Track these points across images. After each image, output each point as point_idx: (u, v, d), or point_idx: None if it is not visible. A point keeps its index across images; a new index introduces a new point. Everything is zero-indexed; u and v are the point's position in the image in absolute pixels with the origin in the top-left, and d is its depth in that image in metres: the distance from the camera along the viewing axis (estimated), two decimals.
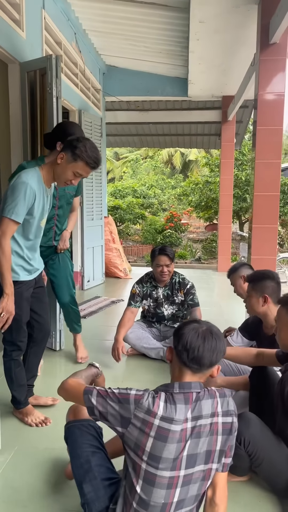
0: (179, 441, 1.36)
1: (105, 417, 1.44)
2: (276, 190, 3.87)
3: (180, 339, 1.44)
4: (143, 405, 1.38)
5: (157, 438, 1.35)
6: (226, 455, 1.45)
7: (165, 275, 3.59)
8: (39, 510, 1.87)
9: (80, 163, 2.22)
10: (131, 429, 1.39)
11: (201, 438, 1.39)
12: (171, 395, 1.41)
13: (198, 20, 4.30)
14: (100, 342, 4.05)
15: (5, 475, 2.10)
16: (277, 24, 3.46)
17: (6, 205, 2.16)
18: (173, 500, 1.38)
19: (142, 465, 1.37)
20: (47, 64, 3.66)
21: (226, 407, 1.44)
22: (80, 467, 1.59)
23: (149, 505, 1.38)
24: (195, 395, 1.42)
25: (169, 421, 1.36)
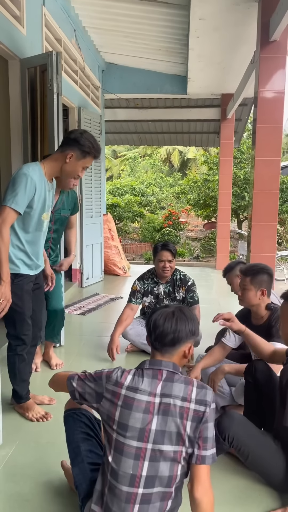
0: (145, 411, 1.44)
1: (84, 397, 1.57)
2: (276, 187, 3.89)
3: (148, 322, 1.58)
4: (112, 378, 1.52)
5: (123, 407, 1.45)
6: (199, 447, 1.44)
7: (167, 271, 3.61)
8: (41, 503, 1.88)
9: (89, 158, 2.33)
10: (103, 403, 1.50)
11: (168, 416, 1.44)
12: (142, 371, 1.52)
13: (198, 18, 4.30)
14: (99, 338, 4.07)
15: (6, 469, 2.11)
16: (278, 22, 3.46)
17: (7, 195, 2.19)
18: (141, 473, 1.42)
19: (113, 435, 1.46)
20: (47, 60, 3.66)
21: (203, 396, 1.47)
22: (72, 451, 1.71)
23: (118, 474, 1.44)
24: (166, 373, 1.50)
25: (134, 390, 1.47)
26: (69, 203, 3.26)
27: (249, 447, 1.88)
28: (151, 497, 1.43)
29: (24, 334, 2.48)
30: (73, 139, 2.29)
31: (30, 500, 1.90)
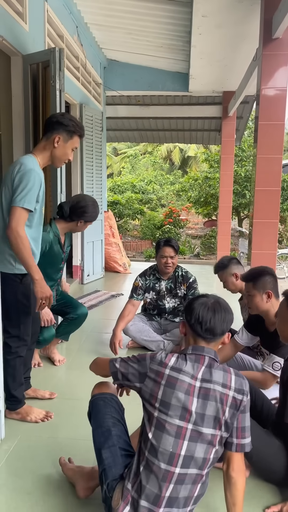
0: (187, 392, 1.49)
1: (127, 377, 1.61)
2: (277, 185, 3.89)
3: (192, 313, 1.59)
4: (156, 358, 1.57)
5: (167, 386, 1.50)
6: (238, 436, 1.54)
7: (169, 267, 3.62)
8: (43, 496, 1.89)
9: (75, 137, 2.35)
10: (147, 382, 1.55)
11: (209, 400, 1.50)
12: (185, 355, 1.57)
13: (201, 15, 4.30)
14: (99, 335, 4.08)
15: (9, 463, 2.13)
16: (280, 19, 3.46)
17: (17, 194, 2.13)
18: (180, 452, 1.47)
19: (155, 413, 1.51)
20: (50, 57, 3.67)
21: (240, 385, 1.54)
22: (102, 435, 1.70)
23: (158, 451, 1.48)
24: (208, 359, 1.56)
25: (177, 371, 1.52)
26: (68, 241, 3.29)
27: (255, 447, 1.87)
28: (185, 478, 1.48)
29: (28, 335, 2.44)
30: (56, 122, 2.29)
31: (32, 493, 1.91)
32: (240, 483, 1.55)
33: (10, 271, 2.26)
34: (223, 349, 2.72)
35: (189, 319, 1.61)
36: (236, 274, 3.09)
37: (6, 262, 2.25)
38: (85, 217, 2.98)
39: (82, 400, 2.34)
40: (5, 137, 4.13)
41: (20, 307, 2.31)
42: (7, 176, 2.24)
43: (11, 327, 2.33)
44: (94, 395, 1.82)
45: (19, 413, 2.51)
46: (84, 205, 2.94)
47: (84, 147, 6.12)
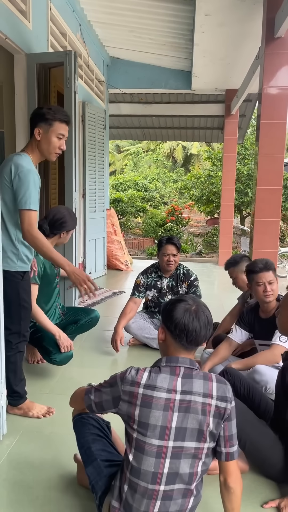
0: (165, 409, 1.43)
1: (102, 406, 1.54)
2: (279, 184, 3.90)
3: (175, 322, 1.50)
4: (127, 379, 1.48)
5: (142, 406, 1.43)
6: (226, 445, 1.48)
7: (171, 265, 3.64)
8: (44, 490, 1.92)
9: (56, 124, 2.30)
10: (121, 405, 1.48)
11: (190, 413, 1.43)
12: (158, 368, 1.50)
13: (204, 13, 4.31)
14: (101, 332, 4.10)
15: (10, 458, 2.16)
16: (283, 18, 3.47)
17: (21, 197, 2.17)
18: (163, 471, 1.42)
19: (134, 435, 1.45)
20: (65, 59, 3.70)
21: (223, 393, 1.47)
22: (84, 454, 1.70)
23: (140, 473, 1.43)
24: (184, 370, 1.48)
25: (151, 388, 1.44)
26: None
27: (249, 435, 1.91)
28: (172, 494, 1.44)
29: (27, 331, 2.47)
30: (34, 116, 2.31)
31: (33, 487, 1.94)
32: (238, 491, 1.52)
33: (13, 269, 2.30)
34: (218, 351, 2.74)
35: (171, 327, 1.51)
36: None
37: (9, 260, 2.29)
38: (65, 227, 3.01)
39: None
40: (8, 133, 4.16)
41: (22, 303, 2.34)
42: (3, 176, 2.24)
43: (12, 324, 2.35)
44: (73, 418, 1.82)
45: (21, 408, 2.54)
46: (61, 217, 2.98)
47: (86, 145, 6.14)
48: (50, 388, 2.92)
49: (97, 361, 3.49)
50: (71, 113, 3.77)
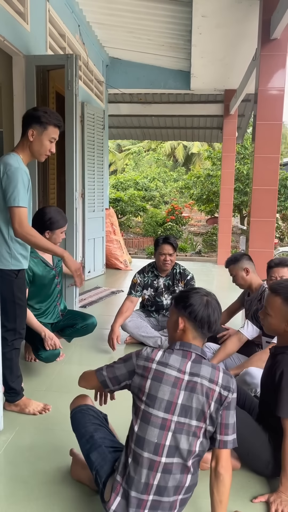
0: (173, 385, 1.55)
1: (118, 379, 1.66)
2: (274, 184, 3.94)
3: (198, 314, 1.64)
4: (142, 355, 1.63)
5: (154, 379, 1.56)
6: (221, 433, 1.58)
7: (167, 264, 3.67)
8: (38, 485, 1.96)
9: (50, 128, 2.34)
10: (135, 378, 1.60)
11: (195, 393, 1.55)
12: (172, 350, 1.63)
13: (201, 15, 4.35)
14: (99, 330, 4.13)
15: (7, 453, 2.20)
16: (278, 20, 3.50)
17: (10, 195, 2.21)
18: (165, 443, 1.53)
19: (142, 406, 1.57)
20: (66, 62, 3.74)
21: (227, 383, 1.59)
22: (86, 442, 1.76)
23: (144, 443, 1.54)
24: (194, 356, 1.62)
25: (164, 365, 1.58)
26: None
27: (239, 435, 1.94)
28: (172, 467, 1.54)
29: (23, 328, 2.51)
30: (28, 116, 2.34)
31: (28, 482, 1.98)
32: (227, 480, 1.59)
33: (7, 267, 2.33)
34: (225, 346, 2.79)
35: (195, 319, 1.64)
36: (247, 269, 3.13)
37: (3, 259, 2.32)
38: (54, 226, 3.02)
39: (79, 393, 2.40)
40: (7, 134, 4.21)
41: (16, 300, 2.38)
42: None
43: (7, 321, 2.39)
44: (71, 410, 1.89)
45: (18, 405, 2.58)
46: (48, 217, 3.01)
47: (85, 144, 6.19)
48: (46, 386, 2.97)
49: (94, 359, 3.53)
50: (73, 115, 3.81)
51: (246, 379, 2.56)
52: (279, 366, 1.92)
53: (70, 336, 3.40)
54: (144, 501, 1.54)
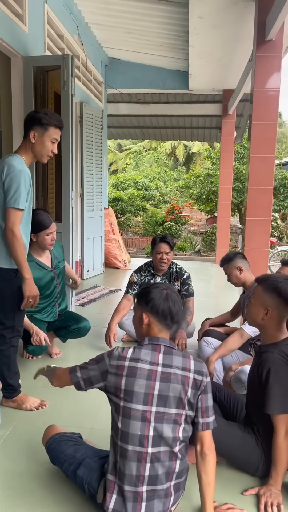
0: (148, 378, 1.62)
1: (90, 382, 1.72)
2: (270, 184, 3.97)
3: (159, 307, 1.72)
4: (114, 354, 1.69)
5: (128, 376, 1.63)
6: (203, 416, 1.68)
7: (164, 263, 3.71)
8: (34, 478, 2.02)
9: (52, 129, 2.40)
10: (109, 378, 1.66)
11: (171, 383, 1.63)
12: (141, 346, 1.71)
13: (197, 16, 4.38)
14: (97, 329, 4.19)
15: (4, 447, 2.25)
16: (273, 22, 3.53)
17: (10, 196, 2.26)
18: (148, 434, 1.60)
19: (121, 403, 1.63)
20: (62, 62, 3.79)
21: (200, 368, 1.69)
22: (70, 465, 1.82)
23: (128, 437, 1.61)
24: (164, 347, 1.70)
25: (136, 361, 1.65)
26: (60, 254, 3.40)
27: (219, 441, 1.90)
28: (160, 456, 1.61)
29: (21, 326, 2.57)
30: (30, 119, 2.39)
31: (24, 475, 2.03)
32: (212, 460, 1.68)
33: (8, 267, 2.39)
34: (226, 342, 2.83)
35: (157, 312, 1.72)
36: (240, 267, 3.17)
37: (3, 259, 2.37)
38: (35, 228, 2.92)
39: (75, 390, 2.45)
40: (5, 134, 4.25)
41: (15, 298, 2.43)
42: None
43: (6, 319, 2.44)
44: (45, 444, 1.94)
45: (15, 401, 2.64)
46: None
47: (84, 144, 6.23)
48: (43, 382, 2.97)
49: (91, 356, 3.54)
50: (68, 115, 3.86)
51: (241, 377, 2.61)
52: (265, 365, 1.94)
53: (64, 337, 3.46)
54: (140, 493, 1.59)
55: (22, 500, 1.87)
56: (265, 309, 1.99)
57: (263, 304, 2.00)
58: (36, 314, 3.20)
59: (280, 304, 1.97)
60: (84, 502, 1.85)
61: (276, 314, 1.98)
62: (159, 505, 1.62)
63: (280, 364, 1.92)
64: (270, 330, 2.03)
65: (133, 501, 1.59)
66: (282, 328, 2.02)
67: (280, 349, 1.97)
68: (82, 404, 2.73)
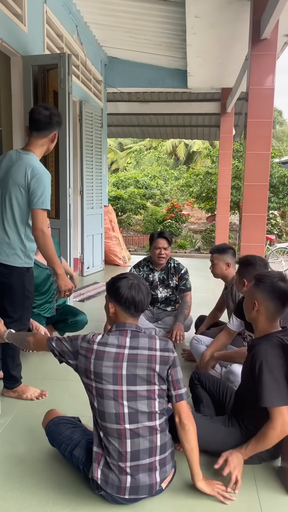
0: (115, 360, 1.72)
1: (62, 355, 1.82)
2: (265, 180, 4.04)
3: (124, 297, 1.79)
4: (86, 338, 1.80)
5: (96, 359, 1.73)
6: (175, 388, 1.78)
7: (162, 258, 3.78)
8: (33, 462, 2.09)
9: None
10: (80, 358, 1.77)
11: (137, 362, 1.73)
12: (109, 332, 1.81)
13: (194, 15, 4.45)
14: (97, 323, 4.26)
15: (4, 435, 2.33)
16: (267, 21, 3.61)
17: (38, 197, 2.38)
18: (123, 411, 1.70)
19: (93, 384, 1.74)
20: (59, 61, 3.86)
21: (165, 346, 1.79)
22: (67, 446, 1.91)
23: (105, 416, 1.71)
24: (130, 332, 1.79)
25: (103, 345, 1.75)
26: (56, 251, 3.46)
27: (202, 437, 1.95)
28: (139, 431, 1.71)
29: (28, 319, 2.69)
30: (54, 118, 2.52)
31: (24, 460, 2.11)
32: (192, 427, 1.78)
33: (20, 265, 2.51)
34: (218, 339, 2.91)
35: (120, 302, 1.80)
36: (229, 263, 3.25)
37: (17, 257, 2.49)
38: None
39: (73, 381, 2.55)
40: (5, 132, 4.33)
41: (26, 293, 2.55)
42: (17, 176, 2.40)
43: (14, 313, 2.54)
44: (45, 427, 2.04)
45: (16, 391, 2.73)
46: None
47: (84, 143, 6.30)
48: (43, 374, 3.10)
49: None
50: (65, 112, 3.93)
51: (229, 377, 2.69)
52: (257, 358, 1.95)
53: (62, 330, 3.53)
54: (123, 468, 1.70)
55: (22, 482, 1.95)
56: (252, 302, 2.05)
57: (252, 297, 2.06)
58: (35, 309, 3.28)
59: (266, 299, 2.00)
60: (81, 485, 1.93)
61: (263, 308, 2.02)
62: (145, 478, 1.72)
63: (271, 355, 1.92)
64: (261, 324, 2.06)
65: (119, 474, 1.71)
66: (273, 323, 2.05)
67: (270, 340, 1.98)
68: (80, 394, 2.75)
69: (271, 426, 1.88)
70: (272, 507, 1.85)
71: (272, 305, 2.00)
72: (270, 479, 2.02)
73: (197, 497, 1.86)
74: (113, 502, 1.77)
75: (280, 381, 1.90)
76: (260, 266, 2.71)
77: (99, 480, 1.72)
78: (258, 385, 1.92)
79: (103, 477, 1.72)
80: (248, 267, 2.72)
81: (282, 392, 1.89)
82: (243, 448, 1.95)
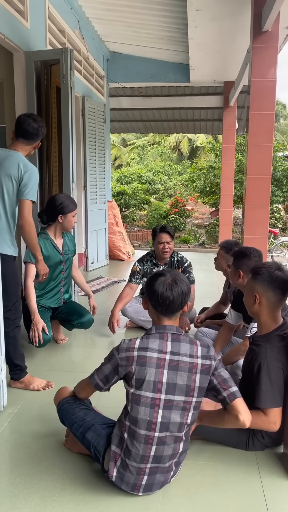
0: (157, 366, 1.67)
1: (107, 379, 1.77)
2: (268, 172, 4.05)
3: (152, 294, 1.74)
4: (122, 347, 1.73)
5: (138, 365, 1.68)
6: (225, 389, 1.71)
7: (166, 252, 3.81)
8: (41, 449, 2.14)
9: None
10: (121, 370, 1.71)
11: (178, 371, 1.67)
12: (149, 335, 1.74)
13: (195, 8, 4.45)
14: (102, 317, 4.30)
15: (12, 424, 2.38)
16: (268, 13, 3.60)
17: (28, 190, 2.58)
18: (157, 420, 1.68)
19: (131, 390, 1.70)
20: (61, 56, 3.89)
21: (206, 353, 1.72)
22: (79, 426, 1.92)
23: (137, 421, 1.69)
24: (171, 335, 1.72)
25: (144, 350, 1.68)
26: (70, 245, 3.51)
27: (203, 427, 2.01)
28: (165, 439, 1.70)
29: (20, 306, 2.78)
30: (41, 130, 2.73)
31: (31, 447, 2.16)
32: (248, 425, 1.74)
33: (8, 253, 2.62)
34: (220, 336, 2.96)
35: (150, 298, 1.75)
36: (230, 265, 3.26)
37: (6, 246, 2.62)
38: (65, 209, 3.24)
39: (79, 372, 2.59)
40: (9, 128, 4.36)
41: (16, 280, 2.65)
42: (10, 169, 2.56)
43: (9, 301, 2.60)
44: (57, 404, 2.04)
45: (23, 382, 2.79)
46: (59, 202, 3.24)
47: (87, 138, 6.32)
48: (49, 366, 3.15)
49: (95, 342, 3.71)
50: (68, 107, 3.96)
51: (237, 372, 2.71)
52: (257, 359, 1.99)
53: (69, 328, 3.58)
54: (143, 468, 1.72)
55: (30, 468, 2.00)
56: (253, 296, 2.06)
57: (251, 291, 2.08)
58: (41, 297, 3.29)
59: (267, 290, 2.01)
60: (88, 471, 1.98)
61: (265, 299, 2.03)
62: (161, 478, 1.76)
63: (271, 358, 1.96)
64: (264, 317, 2.07)
65: (136, 474, 1.73)
66: (275, 316, 2.06)
67: (271, 342, 2.01)
68: None
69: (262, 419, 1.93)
70: (275, 493, 1.89)
71: (273, 294, 2.02)
72: (273, 465, 2.06)
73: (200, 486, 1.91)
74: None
75: (275, 384, 1.94)
76: (255, 257, 2.72)
77: (114, 477, 1.75)
78: (255, 385, 1.97)
79: (118, 475, 1.75)
80: (243, 258, 2.74)
81: (276, 395, 1.94)
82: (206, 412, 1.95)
